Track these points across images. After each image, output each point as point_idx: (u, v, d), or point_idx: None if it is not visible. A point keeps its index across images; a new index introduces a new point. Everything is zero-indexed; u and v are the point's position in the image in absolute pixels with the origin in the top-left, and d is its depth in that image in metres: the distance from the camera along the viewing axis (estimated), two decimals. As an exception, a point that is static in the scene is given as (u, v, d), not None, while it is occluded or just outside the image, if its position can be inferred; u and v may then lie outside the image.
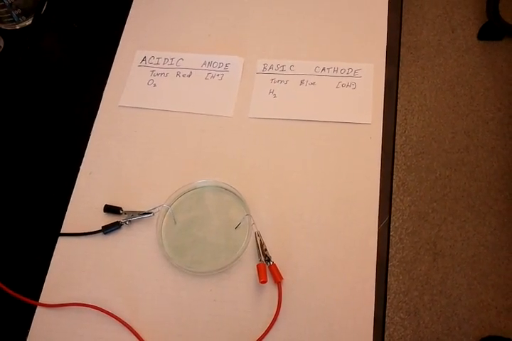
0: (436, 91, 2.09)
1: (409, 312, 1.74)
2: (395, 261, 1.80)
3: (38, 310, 0.79)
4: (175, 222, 0.82)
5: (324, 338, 0.73)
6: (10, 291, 0.78)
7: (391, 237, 1.82)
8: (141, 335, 0.75)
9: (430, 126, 2.02)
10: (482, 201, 1.88)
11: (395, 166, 1.43)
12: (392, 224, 1.84)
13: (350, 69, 0.91)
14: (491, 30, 2.17)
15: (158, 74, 0.96)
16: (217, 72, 0.95)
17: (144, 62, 0.98)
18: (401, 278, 1.79)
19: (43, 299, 0.79)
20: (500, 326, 1.70)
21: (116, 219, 0.83)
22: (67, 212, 0.85)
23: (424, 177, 1.93)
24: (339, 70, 0.92)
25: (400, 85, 1.86)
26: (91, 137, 0.91)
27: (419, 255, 1.82)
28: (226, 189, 0.83)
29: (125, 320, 0.76)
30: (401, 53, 0.95)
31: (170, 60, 0.97)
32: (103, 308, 0.77)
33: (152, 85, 0.95)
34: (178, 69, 0.96)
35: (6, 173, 0.90)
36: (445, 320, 1.72)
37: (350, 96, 0.89)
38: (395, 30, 0.95)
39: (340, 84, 0.90)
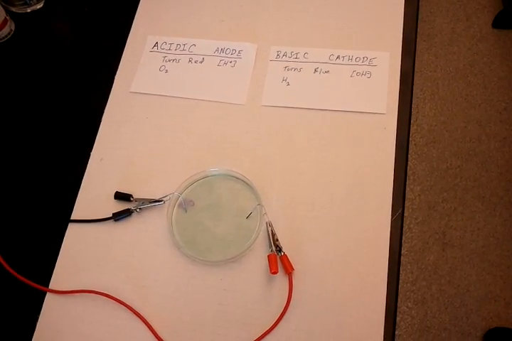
0: (448, 79, 2.07)
1: (417, 301, 1.74)
2: (403, 251, 1.80)
3: (48, 296, 0.79)
4: (185, 211, 0.82)
5: (335, 329, 0.73)
6: (20, 277, 0.78)
7: (400, 227, 1.82)
8: (150, 323, 0.75)
9: (442, 115, 2.00)
10: (493, 191, 1.87)
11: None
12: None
13: (366, 58, 0.90)
14: (506, 19, 2.14)
15: (170, 60, 0.95)
16: (230, 59, 0.94)
17: (155, 47, 0.96)
18: (409, 267, 1.78)
19: (52, 285, 0.79)
20: (509, 318, 1.70)
21: (127, 206, 0.82)
22: (77, 199, 0.85)
23: (435, 166, 1.92)
24: (354, 59, 0.90)
25: (412, 73, 1.84)
26: (102, 123, 0.91)
27: (428, 245, 1.81)
28: (237, 178, 0.83)
29: (134, 308, 0.76)
30: (415, 41, 0.94)
31: (182, 46, 0.96)
32: (112, 295, 0.77)
33: (164, 71, 0.94)
34: (191, 56, 0.95)
35: (17, 159, 0.90)
36: (453, 310, 1.72)
37: (365, 86, 0.88)
38: (411, 18, 0.93)
39: (355, 72, 0.89)
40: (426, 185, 1.89)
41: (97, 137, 0.89)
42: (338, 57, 0.91)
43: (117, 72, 0.95)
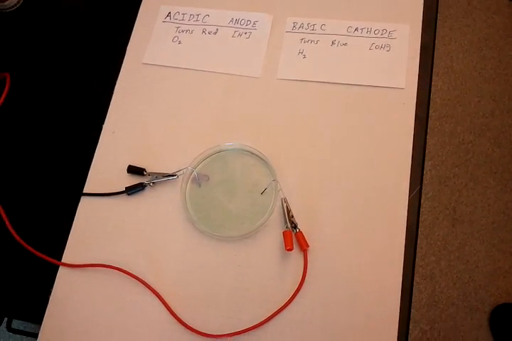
0: (463, 53, 2.03)
1: (425, 276, 1.74)
2: (413, 226, 1.79)
3: (61, 269, 0.79)
4: (199, 186, 0.81)
5: (350, 306, 0.72)
6: (33, 250, 0.78)
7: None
8: (163, 297, 0.75)
9: (456, 89, 1.97)
10: (505, 167, 1.85)
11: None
12: (411, 189, 1.81)
13: (385, 30, 0.87)
14: (524, -9, 2.08)
15: (183, 31, 0.93)
16: (245, 30, 0.91)
17: (168, 18, 0.94)
18: (418, 242, 1.77)
19: (65, 259, 0.79)
20: (517, 293, 1.70)
21: (140, 180, 0.81)
22: (89, 172, 0.84)
23: (447, 141, 1.90)
24: (373, 31, 0.88)
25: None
26: (114, 95, 0.89)
27: (438, 220, 1.80)
28: (252, 153, 0.81)
29: (148, 282, 0.75)
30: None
31: (196, 16, 0.93)
32: (126, 270, 0.76)
33: (177, 42, 0.92)
34: (204, 26, 0.93)
35: (30, 132, 0.89)
36: (461, 285, 1.71)
37: (384, 59, 0.86)
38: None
39: (374, 45, 0.87)
40: (437, 160, 1.87)
41: (109, 109, 0.88)
42: (356, 29, 0.88)
43: (129, 43, 0.93)
